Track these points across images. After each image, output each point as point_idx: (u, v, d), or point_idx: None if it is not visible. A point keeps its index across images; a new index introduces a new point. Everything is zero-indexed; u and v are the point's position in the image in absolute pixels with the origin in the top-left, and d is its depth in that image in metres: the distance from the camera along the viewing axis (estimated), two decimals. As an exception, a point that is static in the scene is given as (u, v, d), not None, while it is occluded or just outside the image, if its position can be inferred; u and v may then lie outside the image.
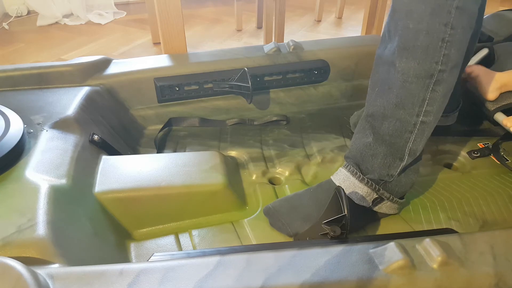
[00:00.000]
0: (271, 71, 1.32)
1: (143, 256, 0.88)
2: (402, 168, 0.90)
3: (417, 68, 0.81)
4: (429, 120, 0.86)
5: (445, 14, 0.77)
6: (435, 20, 0.78)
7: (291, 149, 1.21)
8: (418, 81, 0.82)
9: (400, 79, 0.83)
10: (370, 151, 0.91)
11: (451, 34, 0.79)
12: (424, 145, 0.91)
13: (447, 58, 0.80)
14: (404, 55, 0.82)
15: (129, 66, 1.28)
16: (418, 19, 0.79)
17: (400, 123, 0.86)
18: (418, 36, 0.80)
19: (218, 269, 0.60)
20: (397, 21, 0.82)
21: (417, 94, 0.83)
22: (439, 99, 0.84)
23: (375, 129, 0.90)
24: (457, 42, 0.80)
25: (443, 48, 0.79)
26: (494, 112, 1.21)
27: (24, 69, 1.15)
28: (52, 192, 0.79)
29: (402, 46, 0.82)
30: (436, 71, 0.81)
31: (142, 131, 1.29)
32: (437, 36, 0.79)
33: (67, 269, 0.60)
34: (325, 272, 0.61)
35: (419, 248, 0.65)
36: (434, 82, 0.82)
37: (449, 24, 0.78)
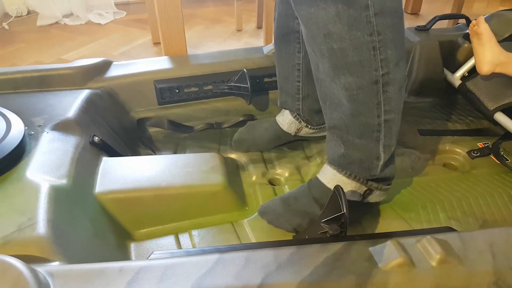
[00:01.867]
0: (270, 73, 1.32)
1: (143, 256, 0.89)
2: (382, 165, 0.90)
3: (357, 81, 0.79)
4: (392, 117, 0.84)
5: (365, 25, 0.74)
6: (357, 34, 0.75)
7: (290, 151, 1.22)
8: (364, 91, 0.80)
9: (345, 94, 0.81)
10: (346, 160, 0.90)
11: (381, 40, 0.76)
12: (396, 138, 0.89)
13: (385, 62, 0.78)
14: (340, 73, 0.79)
15: (129, 68, 1.28)
16: (340, 39, 0.76)
17: (364, 127, 0.84)
18: (347, 53, 0.77)
19: (217, 267, 0.61)
20: (319, 45, 0.79)
21: (369, 101, 0.81)
22: (394, 96, 0.82)
23: (343, 138, 0.88)
24: (390, 43, 0.77)
25: (378, 55, 0.77)
26: (494, 111, 1.21)
27: (25, 71, 1.15)
28: (52, 192, 0.79)
29: (334, 66, 0.79)
30: (379, 76, 0.79)
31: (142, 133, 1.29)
32: (366, 48, 0.76)
33: (67, 267, 0.61)
34: (324, 269, 0.61)
35: (418, 246, 0.65)
36: (382, 85, 0.80)
37: (374, 32, 0.75)
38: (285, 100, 1.17)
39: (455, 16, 1.92)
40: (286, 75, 1.14)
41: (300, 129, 1.18)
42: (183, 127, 1.32)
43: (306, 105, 1.14)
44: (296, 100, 1.14)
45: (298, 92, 1.13)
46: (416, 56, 1.40)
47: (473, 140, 1.23)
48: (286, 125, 1.18)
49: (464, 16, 1.48)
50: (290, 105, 1.17)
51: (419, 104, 1.42)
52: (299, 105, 1.15)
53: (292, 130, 1.19)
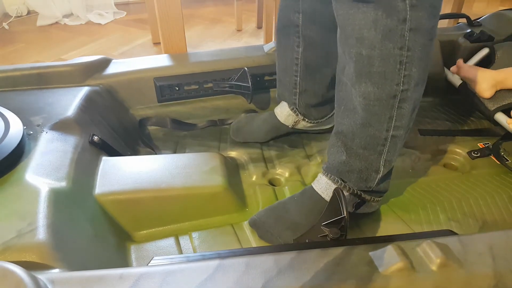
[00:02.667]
0: (271, 71, 1.32)
1: (143, 258, 0.89)
2: (380, 179, 0.90)
3: (377, 92, 0.79)
4: (400, 134, 0.84)
5: (398, 38, 0.74)
6: (388, 45, 0.74)
7: (291, 149, 1.22)
8: (381, 103, 0.80)
9: (362, 102, 0.81)
10: (346, 167, 0.89)
11: (409, 56, 0.75)
12: (398, 155, 0.89)
13: (408, 78, 0.78)
14: (362, 80, 0.79)
15: (128, 66, 1.28)
16: (370, 46, 0.75)
17: (370, 138, 0.84)
18: (373, 62, 0.76)
19: (217, 273, 0.61)
20: (349, 47, 0.79)
21: (382, 114, 0.81)
22: (407, 114, 0.82)
23: (347, 146, 0.88)
24: (417, 61, 0.77)
25: (402, 70, 0.77)
26: (494, 112, 1.21)
27: (23, 69, 1.15)
28: (52, 195, 0.79)
29: (358, 72, 0.79)
30: (398, 92, 0.78)
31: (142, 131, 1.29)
32: (394, 60, 0.76)
33: (67, 274, 0.60)
34: (325, 274, 0.61)
35: (418, 250, 0.65)
36: (399, 101, 0.80)
37: (405, 47, 0.75)
38: (282, 93, 1.18)
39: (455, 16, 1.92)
40: (284, 67, 1.14)
41: (298, 122, 1.18)
42: (186, 125, 1.32)
43: (303, 100, 1.14)
44: (293, 94, 1.15)
45: (296, 87, 1.13)
46: (416, 56, 1.39)
47: (473, 141, 1.22)
48: (284, 117, 1.19)
49: (465, 16, 1.48)
50: (287, 98, 1.17)
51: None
52: (296, 99, 1.15)
53: (290, 122, 1.19)
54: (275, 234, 0.91)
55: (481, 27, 1.46)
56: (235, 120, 1.31)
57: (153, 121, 1.30)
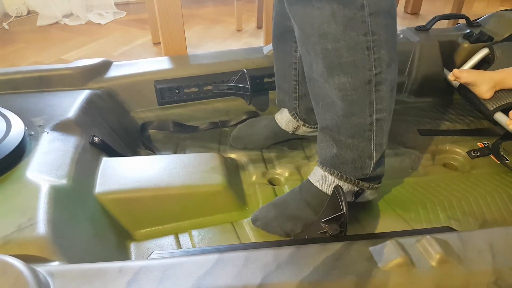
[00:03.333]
0: (270, 73, 1.32)
1: (143, 256, 0.89)
2: (375, 164, 0.90)
3: (351, 81, 0.79)
4: (383, 116, 0.84)
5: (360, 25, 0.75)
6: (351, 34, 0.75)
7: (290, 150, 1.22)
8: (358, 91, 0.80)
9: (338, 95, 0.81)
10: (338, 160, 0.90)
11: (375, 40, 0.76)
12: (387, 137, 0.90)
13: (379, 61, 0.78)
14: (334, 73, 0.79)
15: (129, 69, 1.28)
16: (334, 39, 0.76)
17: (356, 127, 0.85)
18: (341, 54, 0.77)
19: (217, 267, 0.61)
20: (313, 44, 0.79)
21: (362, 101, 0.82)
22: (386, 96, 0.82)
23: (335, 139, 0.88)
24: (384, 43, 0.77)
25: (371, 55, 0.77)
26: (494, 112, 1.22)
27: (25, 72, 1.15)
28: (52, 192, 0.79)
29: (328, 66, 0.79)
30: (372, 76, 0.79)
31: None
32: (361, 47, 0.76)
33: (67, 267, 0.61)
34: (324, 269, 0.61)
35: (417, 246, 0.65)
36: (375, 85, 0.80)
37: (369, 32, 0.75)
38: (282, 99, 1.18)
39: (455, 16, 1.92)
40: (283, 73, 1.14)
41: (298, 127, 1.18)
42: (188, 127, 1.32)
43: (303, 104, 1.14)
44: (293, 99, 1.15)
45: (295, 91, 1.13)
46: (416, 56, 1.39)
47: (473, 140, 1.22)
48: (284, 123, 1.19)
49: (464, 16, 1.48)
50: (287, 104, 1.17)
51: (419, 104, 1.42)
52: (295, 104, 1.15)
53: (290, 128, 1.19)
54: (277, 226, 0.92)
55: (480, 27, 1.47)
56: (236, 122, 1.31)
57: (155, 125, 1.30)
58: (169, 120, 1.31)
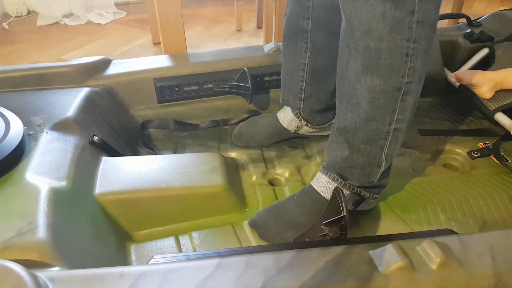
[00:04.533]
0: (271, 71, 1.32)
1: (143, 258, 0.89)
2: (381, 173, 0.90)
3: (383, 84, 0.79)
4: (401, 127, 0.85)
5: (406, 30, 0.75)
6: (396, 37, 0.75)
7: (291, 150, 1.22)
8: (386, 96, 0.80)
9: (367, 96, 0.81)
10: (348, 163, 0.90)
11: (415, 48, 0.76)
12: (399, 149, 0.90)
13: (413, 70, 0.78)
14: (369, 73, 0.79)
15: (128, 66, 1.28)
16: (378, 38, 0.76)
17: (373, 133, 0.85)
18: (381, 54, 0.77)
19: (217, 271, 0.61)
20: (356, 40, 0.79)
21: (386, 107, 0.82)
22: (409, 106, 0.83)
23: (349, 141, 0.88)
24: (421, 54, 0.78)
25: (408, 62, 0.77)
26: (494, 112, 1.21)
27: (24, 70, 1.15)
28: (52, 194, 0.79)
29: (365, 65, 0.79)
30: (403, 84, 0.79)
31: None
32: (401, 52, 0.76)
33: (67, 272, 0.61)
34: (325, 273, 0.61)
35: (418, 249, 0.65)
36: (403, 93, 0.80)
37: (412, 39, 0.75)
38: (287, 98, 1.18)
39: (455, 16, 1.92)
40: (290, 73, 1.14)
41: (300, 127, 1.18)
42: (188, 125, 1.32)
43: (308, 105, 1.14)
44: (298, 99, 1.14)
45: (301, 92, 1.13)
46: (416, 56, 1.39)
47: (473, 140, 1.22)
48: (287, 122, 1.19)
49: (465, 16, 1.48)
50: (291, 103, 1.17)
51: (419, 104, 1.39)
52: (300, 105, 1.15)
53: (292, 127, 1.19)
54: (276, 234, 0.91)
55: (481, 27, 1.46)
56: (237, 120, 1.31)
57: (156, 124, 1.30)
58: (169, 118, 1.30)
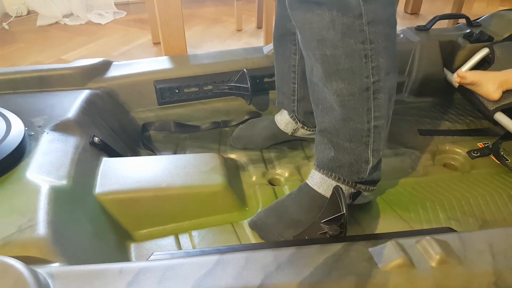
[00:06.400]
0: (270, 72, 1.32)
1: (143, 257, 0.89)
2: (371, 169, 0.91)
3: (348, 87, 0.80)
4: (381, 123, 0.85)
5: (358, 33, 0.75)
6: (349, 42, 0.76)
7: (290, 151, 1.22)
8: (355, 98, 0.81)
9: (337, 100, 0.82)
10: (336, 163, 0.90)
11: (372, 48, 0.76)
12: (385, 143, 0.90)
13: (377, 69, 0.79)
14: (332, 78, 0.80)
15: (129, 68, 1.28)
16: (332, 45, 0.76)
17: (354, 132, 0.85)
18: (339, 60, 0.77)
19: (217, 268, 0.61)
20: (313, 50, 0.80)
21: (359, 107, 0.82)
22: (384, 103, 0.83)
23: (333, 142, 0.88)
24: (382, 51, 0.78)
25: (369, 63, 0.78)
26: (494, 112, 1.22)
27: (25, 72, 1.15)
28: (52, 193, 0.79)
29: (327, 71, 0.80)
30: (370, 84, 0.79)
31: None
32: (358, 55, 0.77)
33: (67, 268, 0.61)
34: (324, 270, 0.61)
35: (417, 247, 0.65)
36: (373, 92, 0.81)
37: (366, 40, 0.76)
38: (282, 101, 1.18)
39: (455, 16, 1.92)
40: (282, 76, 1.14)
41: (297, 129, 1.19)
42: (189, 127, 1.32)
43: (301, 107, 1.14)
44: (291, 101, 1.15)
45: (294, 94, 1.13)
46: (416, 56, 1.40)
47: (473, 140, 1.23)
48: (283, 125, 1.19)
49: (464, 16, 1.48)
50: (286, 106, 1.17)
51: (419, 104, 1.42)
52: (294, 107, 1.15)
53: (289, 130, 1.19)
54: (277, 234, 0.91)
55: (480, 27, 1.47)
56: (237, 122, 1.32)
57: (157, 126, 1.30)
58: (170, 121, 1.31)
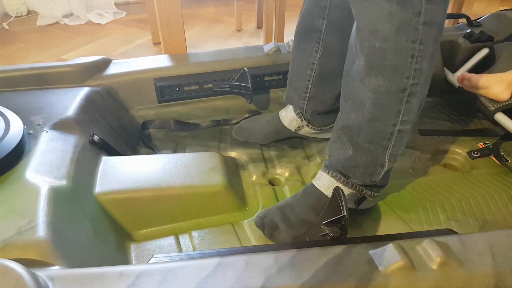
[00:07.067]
0: (271, 71, 1.32)
1: (143, 257, 0.89)
2: (384, 173, 0.90)
3: (387, 85, 0.79)
4: (406, 128, 0.84)
5: (412, 31, 0.74)
6: (402, 38, 0.74)
7: (291, 150, 1.22)
8: (390, 97, 0.80)
9: (371, 96, 0.81)
10: (352, 162, 0.89)
11: (421, 50, 0.75)
12: (404, 149, 0.89)
13: (418, 72, 0.78)
14: (373, 73, 0.79)
15: (129, 66, 1.28)
16: (384, 38, 0.75)
17: (377, 133, 0.85)
18: (386, 55, 0.76)
19: (217, 271, 0.61)
20: (361, 40, 0.78)
21: (391, 108, 0.81)
22: (415, 108, 0.82)
23: (353, 141, 0.88)
24: (427, 55, 0.77)
25: (414, 64, 0.77)
26: (494, 112, 1.21)
27: (24, 69, 1.15)
28: (52, 193, 0.79)
29: (370, 65, 0.79)
30: (408, 85, 0.79)
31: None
32: (406, 54, 0.76)
33: (67, 271, 0.60)
34: (325, 273, 0.61)
35: (418, 249, 0.65)
36: (408, 95, 0.80)
37: (418, 40, 0.75)
38: (291, 96, 1.18)
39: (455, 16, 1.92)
40: (298, 71, 1.13)
41: (301, 127, 1.18)
42: (189, 125, 1.32)
43: (311, 106, 1.14)
44: (302, 98, 1.14)
45: (306, 91, 1.13)
46: (416, 56, 1.39)
47: (473, 140, 1.22)
48: (288, 121, 1.19)
49: (465, 16, 1.48)
50: (295, 102, 1.17)
51: (419, 104, 1.42)
52: (303, 104, 1.15)
53: (293, 127, 1.19)
54: (284, 231, 0.91)
55: (481, 27, 1.46)
56: (237, 120, 1.31)
57: (157, 124, 1.30)
58: (170, 119, 1.30)
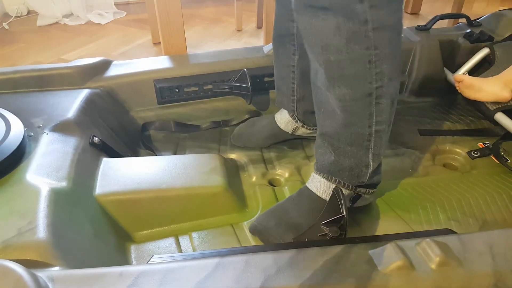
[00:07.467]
0: (270, 72, 1.32)
1: (143, 258, 0.89)
2: (371, 173, 0.90)
3: (351, 93, 0.79)
4: (383, 128, 0.85)
5: (363, 40, 0.74)
6: (354, 48, 0.75)
7: (290, 150, 1.22)
8: (358, 103, 0.80)
9: (339, 105, 0.82)
10: (336, 167, 0.90)
11: (377, 54, 0.76)
12: (386, 147, 0.90)
13: (380, 75, 0.78)
14: (336, 84, 0.80)
15: (129, 68, 1.28)
16: (337, 51, 0.76)
17: (355, 136, 0.85)
18: (343, 66, 0.77)
19: (217, 271, 0.61)
20: (316, 55, 0.79)
21: (361, 112, 0.82)
22: (386, 109, 0.82)
23: (334, 145, 0.88)
24: (386, 57, 0.77)
25: (373, 68, 0.77)
26: (494, 112, 1.21)
27: (24, 71, 1.15)
28: (52, 195, 0.79)
29: (330, 77, 0.79)
30: (373, 89, 0.79)
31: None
32: (363, 61, 0.76)
33: (67, 272, 0.61)
34: (324, 273, 0.61)
35: (417, 249, 0.65)
36: (376, 97, 0.80)
37: (371, 46, 0.75)
38: (281, 100, 1.18)
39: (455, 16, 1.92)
40: (282, 75, 1.14)
41: (297, 128, 1.19)
42: (189, 126, 1.32)
43: (301, 107, 1.14)
44: (291, 101, 1.15)
45: (293, 94, 1.13)
46: (416, 55, 1.39)
47: (473, 140, 1.22)
48: (284, 124, 1.19)
49: (465, 16, 1.48)
50: (285, 105, 1.18)
51: (419, 104, 1.42)
52: (294, 106, 1.15)
53: (289, 129, 1.19)
54: (277, 237, 0.91)
55: (481, 27, 1.47)
56: (238, 121, 1.31)
57: (157, 126, 1.30)
58: (170, 120, 1.31)
